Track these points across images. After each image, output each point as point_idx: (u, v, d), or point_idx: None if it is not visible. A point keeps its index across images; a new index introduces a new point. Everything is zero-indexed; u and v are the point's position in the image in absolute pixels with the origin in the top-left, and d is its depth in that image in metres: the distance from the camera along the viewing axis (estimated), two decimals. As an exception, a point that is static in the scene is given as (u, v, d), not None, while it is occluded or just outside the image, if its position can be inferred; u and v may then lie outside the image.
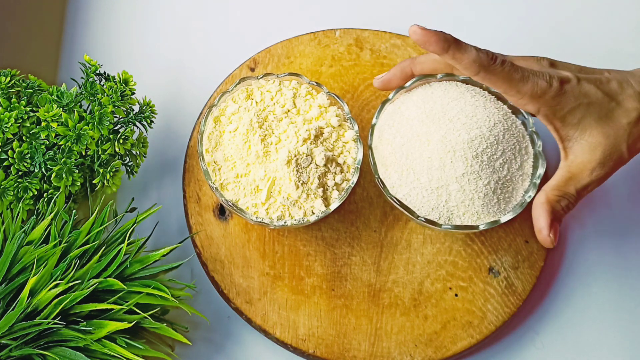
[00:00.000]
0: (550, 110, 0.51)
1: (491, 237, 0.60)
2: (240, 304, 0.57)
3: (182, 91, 0.66)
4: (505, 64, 0.50)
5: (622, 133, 0.52)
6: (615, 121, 0.52)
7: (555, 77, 0.51)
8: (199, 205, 0.60)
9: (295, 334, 0.56)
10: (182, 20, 0.70)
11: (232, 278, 0.58)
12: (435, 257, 0.59)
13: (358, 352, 0.56)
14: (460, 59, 0.50)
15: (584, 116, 0.52)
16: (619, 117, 0.52)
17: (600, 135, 0.52)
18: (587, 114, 0.52)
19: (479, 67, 0.50)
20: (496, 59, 0.50)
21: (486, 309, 0.58)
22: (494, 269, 0.59)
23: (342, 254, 0.59)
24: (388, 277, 0.58)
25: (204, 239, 0.59)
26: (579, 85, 0.51)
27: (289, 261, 0.58)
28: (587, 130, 0.52)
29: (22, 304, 0.47)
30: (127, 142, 0.55)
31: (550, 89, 0.51)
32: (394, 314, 0.57)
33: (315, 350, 0.56)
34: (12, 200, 0.53)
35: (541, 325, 0.60)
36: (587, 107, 0.51)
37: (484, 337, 0.57)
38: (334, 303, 0.57)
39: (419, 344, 0.56)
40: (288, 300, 0.57)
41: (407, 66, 0.57)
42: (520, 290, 0.58)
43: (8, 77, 0.55)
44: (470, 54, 0.49)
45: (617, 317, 0.60)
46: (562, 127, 0.52)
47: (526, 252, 0.59)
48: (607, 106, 0.52)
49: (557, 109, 0.51)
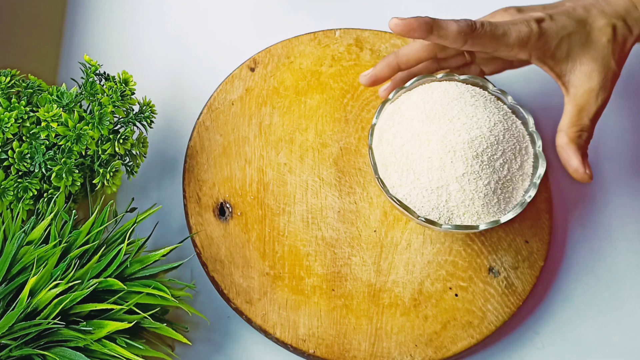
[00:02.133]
0: (540, 52, 0.54)
1: (491, 237, 0.60)
2: (240, 304, 0.57)
3: (182, 91, 0.66)
4: (485, 25, 0.52)
5: (607, 51, 0.55)
6: (596, 42, 0.54)
7: (530, 20, 0.54)
8: (199, 205, 0.60)
9: (295, 334, 0.56)
10: (182, 20, 0.70)
11: (232, 278, 0.58)
12: (435, 257, 0.59)
13: (358, 352, 0.56)
14: (445, 35, 0.52)
15: (570, 48, 0.54)
16: (598, 38, 0.54)
17: (590, 61, 0.54)
18: (572, 45, 0.54)
19: (465, 37, 0.52)
20: (476, 24, 0.52)
21: (486, 309, 0.58)
22: (494, 269, 0.59)
23: (342, 254, 0.59)
24: (388, 277, 0.58)
25: (204, 239, 0.59)
26: (553, 21, 0.54)
27: (289, 261, 0.58)
28: (577, 59, 0.54)
29: (22, 304, 0.47)
30: (127, 142, 0.55)
31: (532, 32, 0.53)
32: (394, 314, 0.57)
33: (315, 351, 0.56)
34: (12, 200, 0.53)
35: (541, 325, 0.60)
36: (569, 38, 0.54)
37: (484, 337, 0.57)
38: (334, 303, 0.57)
39: (419, 344, 0.56)
40: (288, 300, 0.57)
41: (392, 60, 0.58)
42: (520, 290, 0.58)
43: (8, 77, 0.55)
44: (453, 27, 0.52)
45: (617, 317, 0.60)
46: (555, 64, 0.55)
47: (526, 252, 0.59)
48: (584, 32, 0.54)
49: (545, 48, 0.54)
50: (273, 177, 0.61)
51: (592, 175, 0.55)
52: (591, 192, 0.64)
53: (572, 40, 0.54)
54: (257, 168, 0.61)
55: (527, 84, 0.67)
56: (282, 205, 0.60)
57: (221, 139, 0.62)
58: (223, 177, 0.61)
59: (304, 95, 0.64)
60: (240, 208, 0.60)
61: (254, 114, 0.63)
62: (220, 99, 0.64)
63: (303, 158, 0.62)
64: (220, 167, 0.61)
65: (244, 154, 0.62)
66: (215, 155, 0.61)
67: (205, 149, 0.62)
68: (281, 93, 0.64)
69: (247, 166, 0.61)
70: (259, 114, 0.63)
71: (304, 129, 0.63)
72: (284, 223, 0.59)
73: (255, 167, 0.61)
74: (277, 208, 0.60)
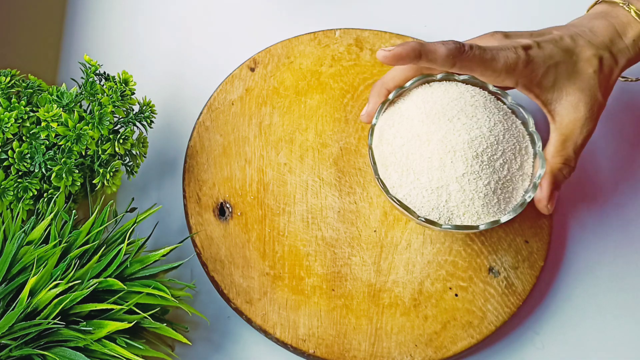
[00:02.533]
0: (526, 79, 0.53)
1: (491, 237, 0.60)
2: (240, 304, 0.57)
3: (182, 91, 0.66)
4: (474, 48, 0.52)
5: (593, 82, 0.54)
6: (583, 73, 0.54)
7: (518, 46, 0.53)
8: (199, 205, 0.60)
9: (295, 334, 0.56)
10: (182, 20, 0.70)
11: (232, 278, 0.58)
12: (435, 257, 0.59)
13: (358, 352, 0.56)
14: (434, 59, 0.51)
15: (556, 77, 0.54)
16: (584, 68, 0.54)
17: (577, 92, 0.54)
18: (558, 75, 0.54)
19: (453, 59, 0.51)
20: (464, 46, 0.52)
21: (486, 309, 0.58)
22: (494, 269, 0.59)
23: (342, 254, 0.59)
24: (388, 277, 0.58)
25: (204, 239, 0.59)
26: (540, 49, 0.54)
27: (289, 261, 0.58)
28: (563, 89, 0.54)
29: (22, 304, 0.47)
30: (127, 142, 0.55)
31: (519, 59, 0.53)
32: (394, 314, 0.57)
33: (315, 351, 0.56)
34: (12, 200, 0.53)
35: (541, 325, 0.60)
36: (556, 67, 0.54)
37: (484, 337, 0.57)
38: (334, 303, 0.57)
39: (419, 344, 0.56)
40: (288, 300, 0.57)
41: (381, 89, 0.57)
42: (520, 290, 0.58)
43: (8, 77, 0.55)
44: (442, 50, 0.51)
45: (617, 317, 0.60)
46: (541, 93, 0.54)
47: (526, 252, 0.59)
48: (570, 61, 0.54)
49: (532, 76, 0.53)
50: (273, 177, 0.61)
51: (552, 210, 0.55)
52: (591, 192, 0.64)
53: (559, 69, 0.54)
54: (257, 168, 0.61)
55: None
56: (282, 205, 0.60)
57: (221, 139, 0.62)
58: (223, 177, 0.61)
59: (304, 95, 0.64)
60: (240, 208, 0.60)
61: (254, 114, 0.63)
62: (220, 99, 0.64)
63: (303, 158, 0.62)
64: (220, 167, 0.61)
65: (244, 154, 0.62)
66: (215, 155, 0.61)
67: (205, 149, 0.62)
68: (281, 93, 0.64)
69: (247, 166, 0.61)
70: (259, 114, 0.63)
71: (304, 129, 0.63)
72: (284, 223, 0.59)
73: (255, 167, 0.61)
74: (277, 208, 0.60)
